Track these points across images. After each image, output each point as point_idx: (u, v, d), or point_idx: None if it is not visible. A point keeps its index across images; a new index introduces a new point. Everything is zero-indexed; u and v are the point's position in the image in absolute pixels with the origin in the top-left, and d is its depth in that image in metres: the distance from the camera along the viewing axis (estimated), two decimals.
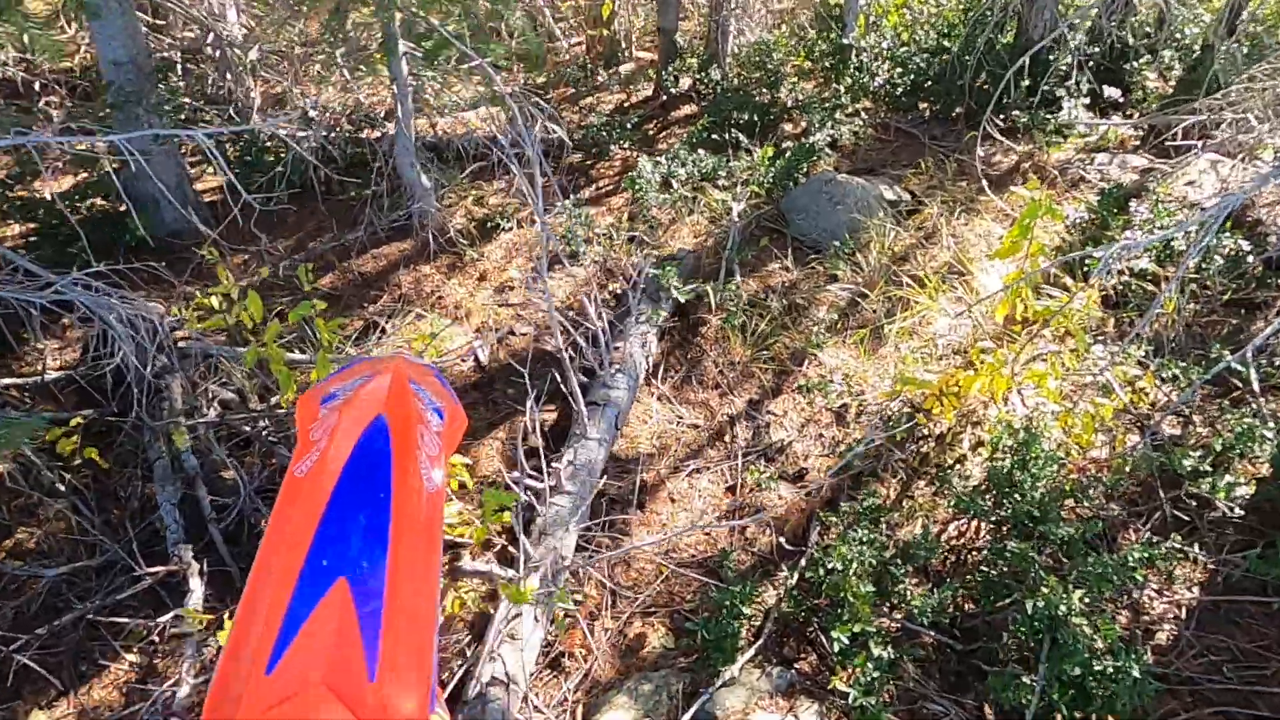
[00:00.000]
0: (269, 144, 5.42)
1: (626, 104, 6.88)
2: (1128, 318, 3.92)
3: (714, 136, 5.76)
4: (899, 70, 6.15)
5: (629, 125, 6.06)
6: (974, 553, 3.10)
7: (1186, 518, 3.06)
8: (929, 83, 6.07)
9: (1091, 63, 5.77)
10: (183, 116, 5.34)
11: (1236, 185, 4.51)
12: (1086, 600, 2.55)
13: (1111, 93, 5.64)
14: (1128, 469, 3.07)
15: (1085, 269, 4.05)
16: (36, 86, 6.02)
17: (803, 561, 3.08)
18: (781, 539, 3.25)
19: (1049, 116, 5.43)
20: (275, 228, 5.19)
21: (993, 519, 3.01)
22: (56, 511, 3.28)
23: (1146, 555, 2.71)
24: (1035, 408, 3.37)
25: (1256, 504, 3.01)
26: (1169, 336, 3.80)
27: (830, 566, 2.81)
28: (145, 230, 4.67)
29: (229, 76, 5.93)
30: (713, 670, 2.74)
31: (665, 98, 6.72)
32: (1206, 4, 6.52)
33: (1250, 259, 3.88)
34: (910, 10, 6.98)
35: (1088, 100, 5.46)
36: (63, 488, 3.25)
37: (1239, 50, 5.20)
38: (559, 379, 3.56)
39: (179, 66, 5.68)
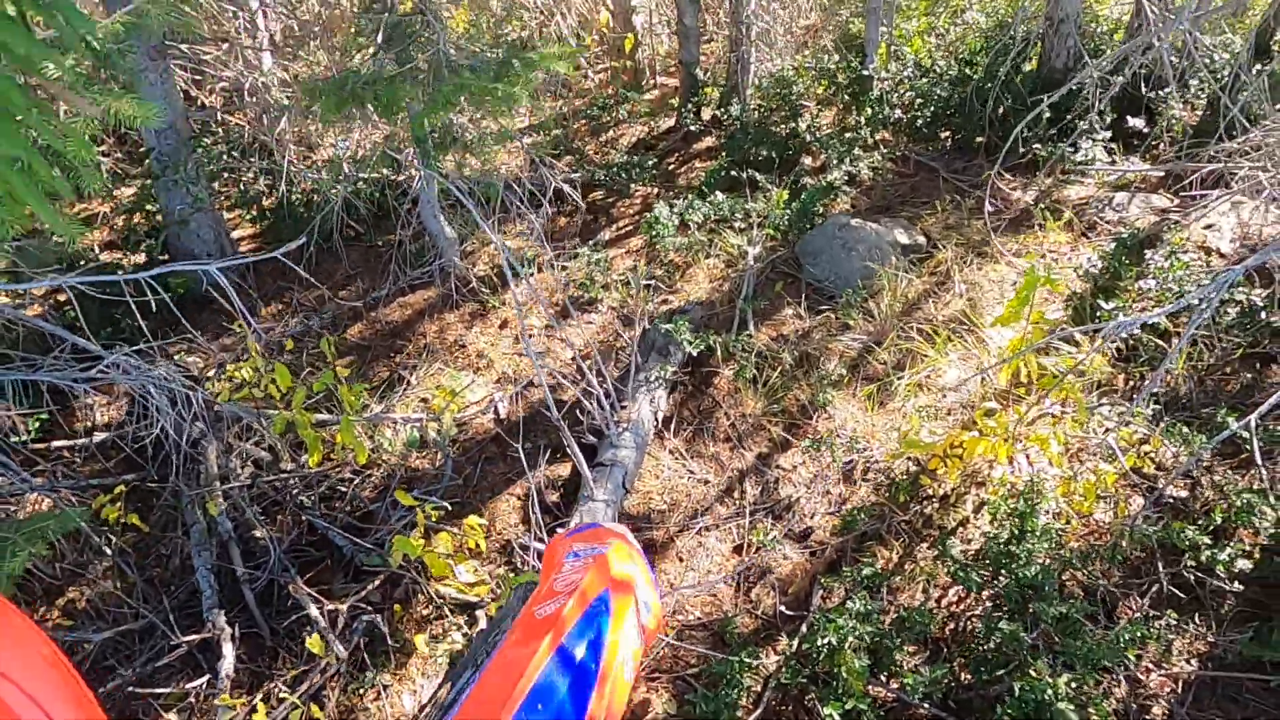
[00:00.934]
0: (299, 194, 5.65)
1: (648, 135, 6.98)
2: (1138, 372, 3.92)
3: (732, 174, 5.82)
4: (920, 101, 6.14)
5: (649, 164, 6.15)
6: (974, 619, 3.17)
7: (1186, 591, 3.08)
8: (950, 113, 6.06)
9: (1116, 90, 5.69)
10: (219, 169, 5.59)
11: (1255, 228, 4.45)
12: (1074, 685, 2.60)
13: (1135, 122, 5.56)
14: (1126, 541, 3.10)
15: (1097, 318, 4.05)
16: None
17: (804, 628, 3.17)
18: (783, 606, 3.35)
19: (1069, 149, 5.38)
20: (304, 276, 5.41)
21: (989, 590, 3.07)
22: (103, 571, 3.53)
23: (1139, 634, 2.76)
24: (1037, 473, 3.41)
25: (1258, 577, 3.02)
26: (1180, 391, 3.79)
27: (825, 640, 2.90)
28: (187, 286, 4.95)
29: (264, 123, 6.17)
30: None
31: (686, 131, 6.81)
32: (1240, 26, 6.38)
33: (1264, 313, 3.85)
34: (933, 35, 6.95)
35: (1109, 134, 5.40)
36: (108, 550, 3.50)
37: (1268, 77, 5.08)
38: (565, 443, 3.70)
39: (215, 119, 5.93)
